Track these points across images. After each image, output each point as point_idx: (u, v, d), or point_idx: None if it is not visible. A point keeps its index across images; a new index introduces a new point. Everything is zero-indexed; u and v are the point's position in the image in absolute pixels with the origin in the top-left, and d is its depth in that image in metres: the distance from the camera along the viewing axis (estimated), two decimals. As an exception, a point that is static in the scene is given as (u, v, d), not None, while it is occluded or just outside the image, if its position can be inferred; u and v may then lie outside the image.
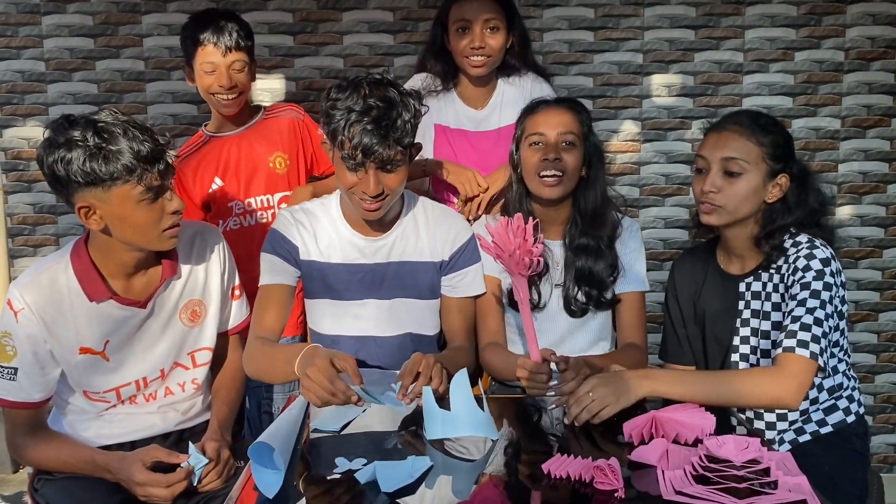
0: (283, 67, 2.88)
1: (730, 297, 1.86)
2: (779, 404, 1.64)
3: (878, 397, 3.04)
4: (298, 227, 1.88)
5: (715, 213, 1.79)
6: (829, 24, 2.87)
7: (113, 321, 1.73)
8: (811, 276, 1.69)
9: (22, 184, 2.94)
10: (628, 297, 1.99)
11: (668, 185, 2.96)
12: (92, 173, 1.56)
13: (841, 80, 2.90)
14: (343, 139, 1.68)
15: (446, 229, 1.94)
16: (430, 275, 1.93)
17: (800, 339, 1.62)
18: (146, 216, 1.63)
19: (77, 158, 1.55)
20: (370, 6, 2.85)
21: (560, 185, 1.91)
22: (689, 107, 2.92)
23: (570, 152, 1.91)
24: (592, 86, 2.90)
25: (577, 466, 1.36)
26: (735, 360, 1.84)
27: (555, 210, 1.98)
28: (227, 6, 2.81)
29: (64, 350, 1.71)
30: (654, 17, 2.87)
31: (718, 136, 1.79)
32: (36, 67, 2.87)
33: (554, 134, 1.91)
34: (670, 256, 2.96)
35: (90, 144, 1.55)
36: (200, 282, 1.85)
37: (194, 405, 1.90)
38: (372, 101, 1.66)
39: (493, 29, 2.14)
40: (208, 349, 1.89)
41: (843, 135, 2.93)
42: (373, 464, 1.40)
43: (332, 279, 1.89)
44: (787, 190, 1.78)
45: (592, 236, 1.96)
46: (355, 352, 1.91)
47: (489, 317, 1.99)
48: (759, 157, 1.75)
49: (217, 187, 2.31)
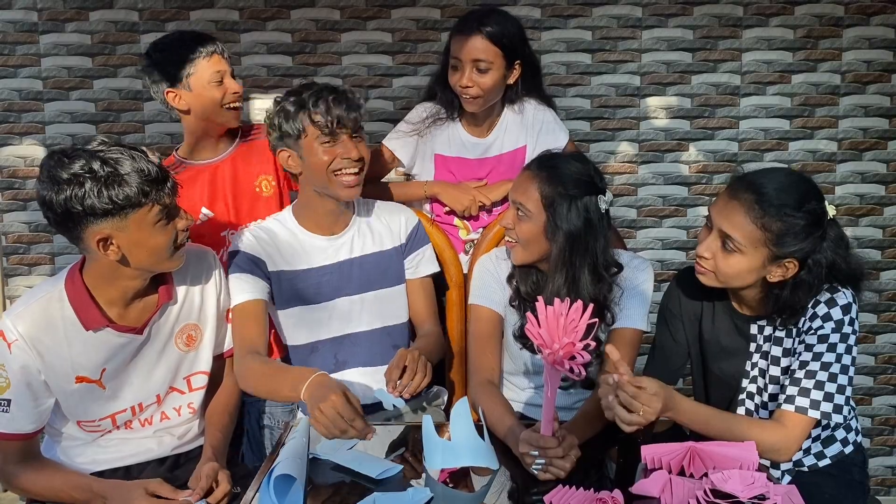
0: (281, 87, 2.86)
1: (740, 338, 1.79)
2: (772, 456, 1.61)
3: (876, 419, 3.03)
4: (260, 242, 1.94)
5: (705, 276, 1.69)
6: (826, 47, 2.88)
7: (109, 349, 1.71)
8: (830, 328, 1.62)
9: (17, 202, 2.92)
10: (621, 332, 1.85)
11: (665, 207, 2.96)
12: (110, 202, 1.53)
13: (837, 103, 2.91)
14: (314, 116, 1.84)
15: (396, 216, 2.06)
16: (393, 261, 2.02)
17: (812, 400, 1.59)
18: (163, 238, 1.62)
19: (91, 191, 1.52)
20: (369, 27, 2.85)
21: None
22: (686, 129, 2.92)
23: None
24: (590, 107, 2.91)
25: (579, 499, 1.34)
26: (742, 398, 1.80)
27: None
28: (227, 25, 2.81)
29: (59, 379, 1.69)
30: (652, 39, 2.88)
31: (728, 203, 1.63)
32: (33, 86, 2.86)
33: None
34: (667, 278, 2.95)
35: (100, 175, 1.53)
36: (196, 305, 1.83)
37: (190, 429, 1.88)
38: (319, 85, 1.90)
39: (481, 70, 2.09)
40: (204, 373, 1.87)
41: (840, 157, 2.94)
42: (373, 495, 1.39)
43: (302, 285, 1.95)
44: (798, 274, 1.63)
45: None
46: (333, 354, 1.98)
47: (485, 353, 1.89)
48: (759, 242, 1.60)
49: (206, 218, 2.21)
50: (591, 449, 1.58)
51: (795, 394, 1.61)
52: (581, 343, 1.40)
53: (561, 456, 1.48)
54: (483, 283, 1.94)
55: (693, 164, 2.93)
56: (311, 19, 2.85)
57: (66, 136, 2.90)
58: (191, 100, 2.13)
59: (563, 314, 1.42)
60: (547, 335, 1.42)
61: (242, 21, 2.84)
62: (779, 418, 1.62)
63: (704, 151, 2.93)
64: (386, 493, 1.38)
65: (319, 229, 1.98)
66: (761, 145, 2.92)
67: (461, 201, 2.21)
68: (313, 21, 2.85)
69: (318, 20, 2.85)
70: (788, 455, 1.62)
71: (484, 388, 1.82)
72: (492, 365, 1.89)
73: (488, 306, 1.92)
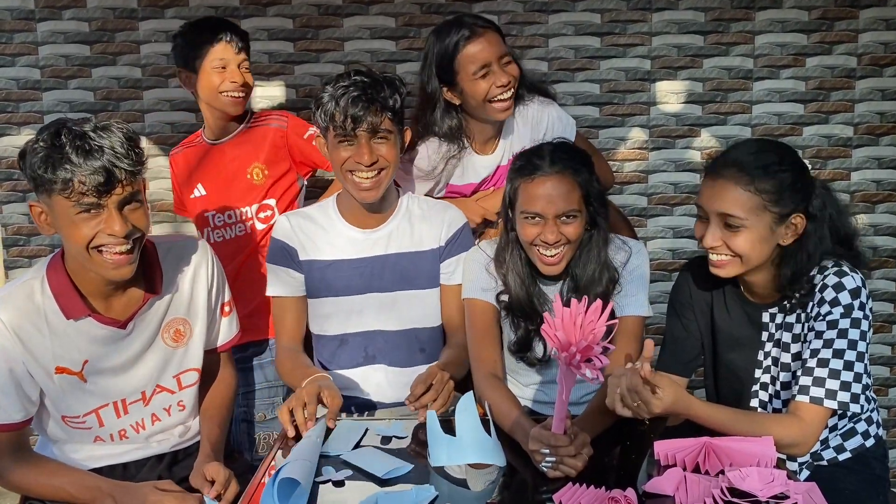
0: (282, 74, 2.82)
1: (752, 326, 1.75)
2: (790, 451, 1.57)
3: (892, 411, 2.97)
4: (295, 230, 1.95)
5: (725, 267, 1.64)
6: (842, 29, 2.80)
7: (91, 340, 1.65)
8: (839, 313, 1.57)
9: (17, 193, 2.88)
10: (623, 321, 1.81)
11: (676, 194, 2.89)
12: (36, 177, 1.50)
13: (853, 87, 2.83)
14: (333, 112, 1.79)
15: (440, 216, 1.98)
16: (428, 263, 1.95)
17: (828, 389, 1.53)
18: (78, 234, 1.52)
19: (36, 160, 1.49)
20: (372, 12, 2.79)
21: (561, 261, 1.77)
22: (697, 114, 2.85)
23: (571, 224, 1.74)
24: (599, 92, 2.84)
25: (590, 497, 1.29)
26: (755, 389, 1.75)
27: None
28: (227, 12, 2.75)
29: (41, 369, 1.63)
30: (662, 22, 2.81)
31: (714, 185, 1.62)
32: (31, 75, 2.81)
33: (552, 211, 1.72)
34: (678, 267, 2.88)
35: (51, 148, 1.47)
36: (185, 299, 1.77)
37: (189, 429, 1.84)
38: (357, 78, 1.82)
39: (510, 62, 2.02)
40: (195, 370, 1.80)
41: (856, 142, 2.86)
42: (375, 494, 1.35)
43: (332, 276, 1.93)
44: (805, 228, 1.62)
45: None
46: (363, 348, 1.96)
47: (485, 345, 1.85)
48: (759, 208, 1.58)
49: (199, 195, 2.33)
50: (602, 445, 1.53)
51: (809, 384, 1.56)
52: (599, 346, 1.35)
53: (573, 454, 1.42)
54: (475, 276, 1.88)
55: (705, 150, 2.86)
56: (312, 4, 2.79)
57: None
58: (196, 83, 2.25)
59: (580, 314, 1.36)
60: (563, 336, 1.35)
61: (243, 7, 2.78)
62: (794, 411, 1.56)
63: (717, 137, 2.86)
64: (388, 493, 1.34)
65: (356, 221, 1.95)
66: (775, 130, 2.85)
67: (472, 219, 2.09)
68: (315, 6, 2.79)
69: (319, 5, 2.79)
70: (806, 449, 1.57)
71: (489, 382, 1.77)
72: (494, 357, 1.85)
73: (483, 298, 1.87)
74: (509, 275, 1.83)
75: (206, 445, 1.74)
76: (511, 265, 1.83)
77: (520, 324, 1.84)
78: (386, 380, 1.96)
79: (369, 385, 1.97)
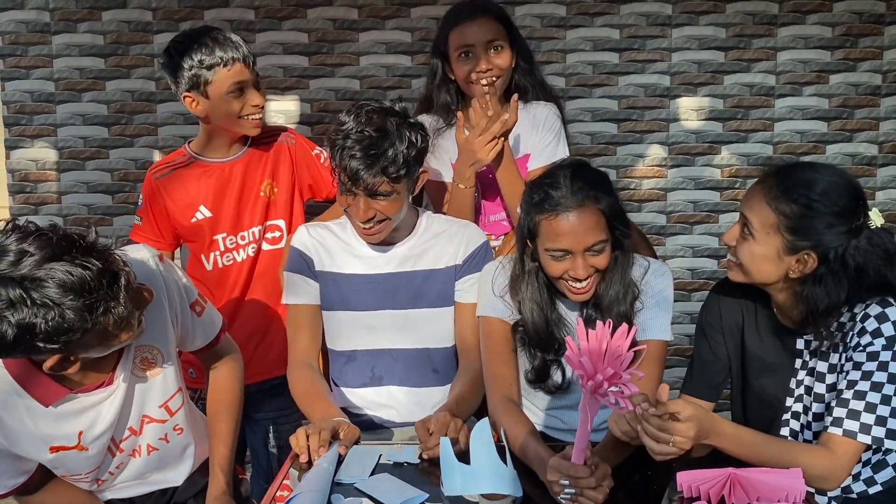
0: (297, 89, 2.80)
1: (785, 352, 1.68)
2: (819, 485, 1.51)
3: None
4: (313, 241, 1.92)
5: (732, 270, 1.64)
6: (866, 45, 2.75)
7: (84, 411, 1.49)
8: (880, 345, 1.50)
9: (29, 206, 2.87)
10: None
11: (696, 213, 2.84)
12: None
13: (878, 104, 2.78)
14: (336, 163, 1.76)
15: (460, 235, 1.94)
16: (442, 282, 1.91)
17: (863, 423, 1.47)
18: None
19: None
20: (387, 27, 2.77)
21: (591, 289, 1.70)
22: (718, 131, 2.80)
23: (599, 255, 1.66)
24: (617, 109, 2.80)
25: (610, 532, 1.24)
26: (786, 418, 1.69)
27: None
28: (241, 25, 2.74)
29: (30, 453, 1.50)
30: (682, 38, 2.77)
31: (753, 188, 1.61)
32: (45, 87, 2.81)
33: (580, 247, 1.63)
34: (698, 287, 2.84)
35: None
36: (147, 324, 1.49)
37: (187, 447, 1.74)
38: (367, 130, 1.72)
39: (497, 48, 2.02)
40: (179, 390, 1.67)
41: (881, 161, 2.81)
42: (387, 526, 1.30)
43: (346, 289, 1.90)
44: (818, 270, 1.54)
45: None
46: (371, 367, 1.92)
47: (501, 364, 1.78)
48: (773, 227, 1.53)
49: (203, 217, 2.12)
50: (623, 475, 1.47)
51: (844, 416, 1.49)
52: (627, 373, 1.28)
53: (593, 486, 1.36)
54: (491, 293, 1.82)
55: (725, 168, 2.81)
56: (328, 18, 2.77)
57: (78, 138, 2.84)
58: (208, 108, 2.02)
59: (605, 338, 1.28)
60: (589, 364, 1.28)
61: (258, 20, 2.77)
62: (826, 443, 1.50)
63: (737, 155, 2.81)
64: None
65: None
66: (797, 148, 2.79)
67: (482, 148, 1.96)
68: (330, 20, 2.77)
69: (335, 19, 2.77)
70: (836, 484, 1.51)
71: (504, 406, 1.71)
72: (509, 376, 1.78)
73: (498, 317, 1.80)
74: (525, 304, 1.76)
75: (219, 476, 1.67)
76: (528, 294, 1.76)
77: (536, 354, 1.79)
78: (393, 401, 1.92)
79: (374, 406, 1.93)
